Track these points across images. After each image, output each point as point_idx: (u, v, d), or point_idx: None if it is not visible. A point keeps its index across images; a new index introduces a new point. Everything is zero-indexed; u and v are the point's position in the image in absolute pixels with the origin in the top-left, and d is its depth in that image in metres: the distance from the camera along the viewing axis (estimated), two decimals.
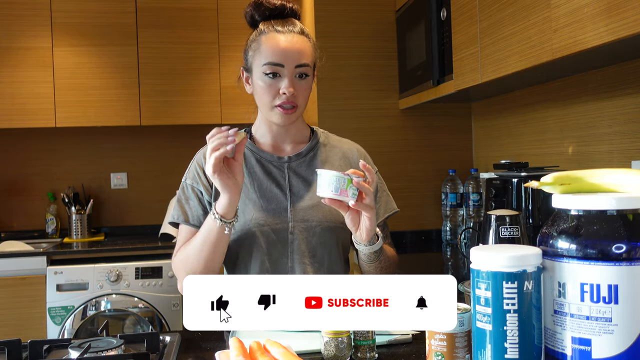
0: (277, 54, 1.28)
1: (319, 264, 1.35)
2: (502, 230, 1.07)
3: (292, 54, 1.28)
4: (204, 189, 1.37)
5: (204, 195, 1.37)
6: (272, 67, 1.28)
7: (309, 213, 1.34)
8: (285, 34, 1.29)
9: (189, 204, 1.37)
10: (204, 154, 1.40)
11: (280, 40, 1.28)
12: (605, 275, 0.73)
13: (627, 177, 0.80)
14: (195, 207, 1.36)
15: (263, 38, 1.30)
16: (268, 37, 1.30)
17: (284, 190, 1.36)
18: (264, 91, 1.30)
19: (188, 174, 1.40)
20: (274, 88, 1.29)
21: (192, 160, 1.42)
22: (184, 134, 3.57)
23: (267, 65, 1.28)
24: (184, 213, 1.36)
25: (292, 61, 1.28)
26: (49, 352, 1.13)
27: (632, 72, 1.75)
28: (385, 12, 2.84)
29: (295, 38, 1.30)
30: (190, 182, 1.38)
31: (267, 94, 1.29)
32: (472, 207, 2.59)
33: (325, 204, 1.14)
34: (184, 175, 1.41)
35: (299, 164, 1.39)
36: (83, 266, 2.86)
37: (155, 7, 3.29)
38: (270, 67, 1.28)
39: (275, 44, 1.28)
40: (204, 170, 1.36)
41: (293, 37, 1.30)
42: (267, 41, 1.29)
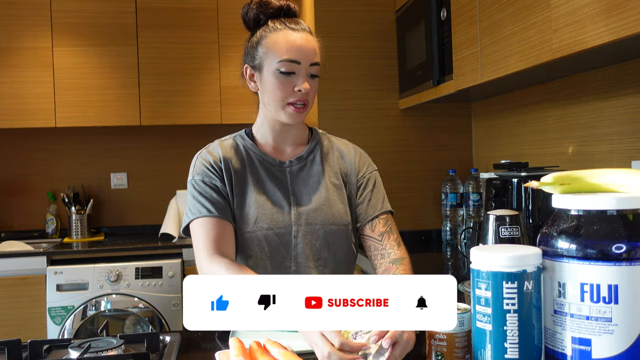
0: (293, 51, 1.26)
1: (323, 267, 1.34)
2: (502, 230, 1.07)
3: (308, 51, 1.28)
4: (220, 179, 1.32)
5: (219, 186, 1.32)
6: (289, 64, 1.26)
7: (311, 216, 1.33)
8: (299, 32, 1.29)
9: (205, 197, 1.31)
10: (209, 151, 1.37)
11: (297, 38, 1.28)
12: (605, 275, 0.73)
13: (627, 177, 0.80)
14: (214, 199, 1.30)
15: (277, 35, 1.28)
16: (283, 33, 1.28)
17: (287, 194, 1.35)
18: (277, 88, 1.28)
19: (195, 171, 1.35)
20: (288, 85, 1.27)
21: (193, 160, 1.38)
22: (184, 134, 3.57)
23: (284, 62, 1.26)
24: (204, 207, 1.29)
25: (308, 59, 1.28)
26: (49, 352, 1.13)
27: (632, 72, 1.75)
28: (385, 12, 2.84)
29: (309, 37, 1.30)
30: (201, 177, 1.33)
31: (281, 91, 1.27)
32: (472, 207, 2.59)
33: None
34: (190, 174, 1.36)
35: (300, 167, 1.39)
36: (83, 266, 2.86)
37: (155, 7, 3.29)
38: (287, 64, 1.26)
39: (292, 41, 1.27)
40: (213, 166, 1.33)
41: (307, 36, 1.29)
42: (283, 38, 1.28)
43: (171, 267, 2.89)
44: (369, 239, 1.38)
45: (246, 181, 1.35)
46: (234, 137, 1.42)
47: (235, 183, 1.34)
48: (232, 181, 1.34)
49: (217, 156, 1.35)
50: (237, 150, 1.38)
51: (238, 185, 1.34)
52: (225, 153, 1.36)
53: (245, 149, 1.39)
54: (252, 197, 1.33)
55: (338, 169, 1.41)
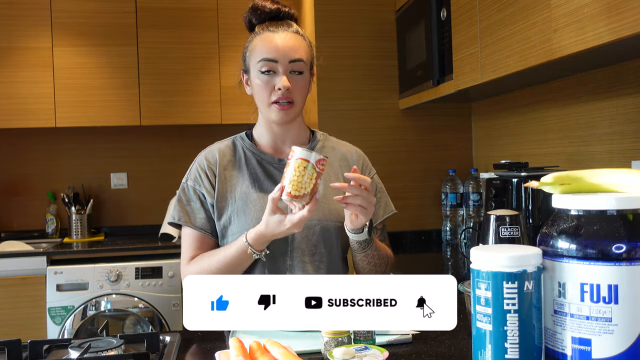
0: (270, 50, 1.31)
1: (319, 262, 1.35)
2: (502, 230, 1.07)
3: (285, 49, 1.31)
4: (206, 191, 1.37)
5: (207, 198, 1.37)
6: (266, 63, 1.30)
7: None
8: (279, 33, 1.33)
9: (190, 206, 1.38)
10: (206, 156, 1.41)
11: (273, 38, 1.32)
12: (605, 275, 0.73)
13: (627, 177, 0.80)
14: (197, 209, 1.37)
15: (257, 38, 1.34)
16: (262, 36, 1.34)
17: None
18: (260, 88, 1.32)
19: (189, 175, 1.41)
20: (269, 85, 1.31)
21: (193, 162, 1.42)
22: (184, 134, 3.57)
23: (262, 62, 1.31)
24: (186, 214, 1.37)
25: (285, 57, 1.31)
26: (49, 352, 1.13)
27: (632, 72, 1.75)
28: (385, 12, 2.84)
29: (289, 36, 1.33)
30: (192, 184, 1.39)
31: (264, 90, 1.32)
32: (472, 207, 2.59)
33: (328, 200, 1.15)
34: (185, 176, 1.41)
35: None
36: (83, 266, 2.86)
37: (155, 7, 3.29)
38: (265, 63, 1.30)
39: (268, 41, 1.32)
40: (207, 172, 1.37)
41: (287, 35, 1.33)
42: (261, 40, 1.33)
43: (171, 267, 2.89)
44: None
45: (243, 181, 1.37)
46: (234, 139, 1.46)
47: (230, 185, 1.37)
48: (225, 184, 1.37)
49: (212, 161, 1.39)
50: (235, 151, 1.42)
51: (233, 186, 1.37)
52: (223, 156, 1.40)
53: (243, 150, 1.42)
54: (249, 196, 1.35)
55: (340, 172, 1.42)
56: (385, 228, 1.49)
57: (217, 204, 1.36)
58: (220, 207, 1.36)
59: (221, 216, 1.36)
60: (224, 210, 1.36)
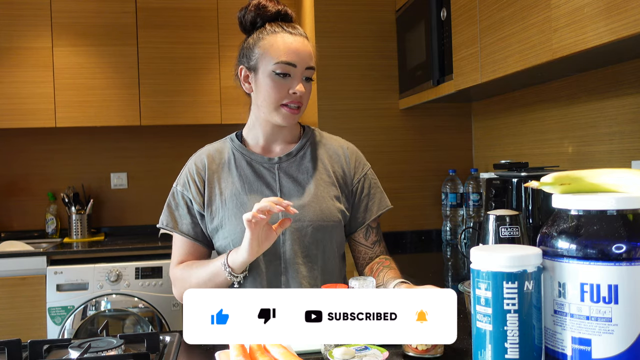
0: (290, 54, 1.29)
1: (312, 263, 1.34)
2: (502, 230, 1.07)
3: (304, 55, 1.31)
4: (194, 197, 1.37)
5: (194, 205, 1.37)
6: (285, 66, 1.29)
7: (300, 213, 1.32)
8: (296, 36, 1.32)
9: (178, 212, 1.39)
10: (195, 161, 1.41)
11: (293, 41, 1.31)
12: (605, 275, 0.73)
13: (627, 177, 0.80)
14: (184, 215, 1.38)
15: (274, 37, 1.31)
16: (280, 36, 1.30)
17: (275, 191, 1.36)
18: (272, 89, 1.30)
19: (179, 180, 1.41)
20: (283, 87, 1.30)
21: (184, 167, 1.42)
22: (184, 134, 3.57)
23: (280, 64, 1.29)
24: (174, 220, 1.38)
25: (304, 62, 1.30)
26: (49, 352, 1.13)
27: (632, 72, 1.75)
28: (385, 12, 2.84)
29: (305, 41, 1.33)
30: (181, 189, 1.40)
31: (276, 92, 1.30)
32: (472, 207, 2.59)
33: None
34: (176, 180, 1.42)
35: (289, 164, 1.39)
36: (83, 266, 2.86)
37: (155, 7, 3.29)
38: (283, 66, 1.29)
39: (288, 44, 1.30)
40: (195, 179, 1.38)
41: (304, 40, 1.33)
42: (280, 40, 1.30)
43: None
44: (360, 245, 1.44)
45: (233, 183, 1.37)
46: (224, 141, 1.45)
47: (220, 189, 1.37)
48: (215, 188, 1.37)
49: (201, 166, 1.40)
50: (224, 154, 1.41)
51: (223, 190, 1.36)
52: (211, 161, 1.40)
53: (233, 151, 1.41)
54: (239, 198, 1.35)
55: (331, 168, 1.41)
56: (379, 226, 1.47)
57: (207, 209, 1.36)
58: (210, 212, 1.36)
59: (212, 220, 1.36)
60: (215, 214, 1.35)
